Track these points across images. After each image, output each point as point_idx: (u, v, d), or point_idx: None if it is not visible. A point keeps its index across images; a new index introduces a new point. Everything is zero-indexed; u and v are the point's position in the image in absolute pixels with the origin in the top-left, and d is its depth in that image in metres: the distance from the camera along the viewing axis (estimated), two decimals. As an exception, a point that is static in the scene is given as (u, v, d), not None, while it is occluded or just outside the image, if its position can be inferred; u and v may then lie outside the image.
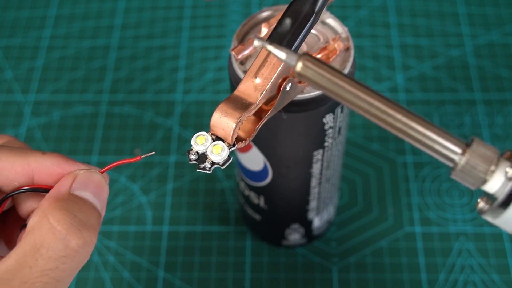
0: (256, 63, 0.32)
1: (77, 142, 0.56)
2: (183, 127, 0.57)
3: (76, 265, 0.27)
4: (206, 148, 0.31)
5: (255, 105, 0.31)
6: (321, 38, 0.38)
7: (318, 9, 0.32)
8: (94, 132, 0.57)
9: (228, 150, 0.31)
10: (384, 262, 0.49)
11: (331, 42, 0.37)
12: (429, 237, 0.50)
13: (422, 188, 0.53)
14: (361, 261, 0.49)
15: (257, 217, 0.47)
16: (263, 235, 0.50)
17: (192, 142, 0.31)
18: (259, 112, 0.32)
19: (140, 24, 0.64)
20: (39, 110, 0.58)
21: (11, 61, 0.62)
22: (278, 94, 0.32)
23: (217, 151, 0.31)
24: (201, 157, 0.31)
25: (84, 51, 0.63)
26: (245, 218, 0.50)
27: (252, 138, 0.32)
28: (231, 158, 0.31)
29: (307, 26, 0.32)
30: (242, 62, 0.37)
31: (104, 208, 0.30)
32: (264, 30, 0.37)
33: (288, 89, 0.33)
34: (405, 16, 0.64)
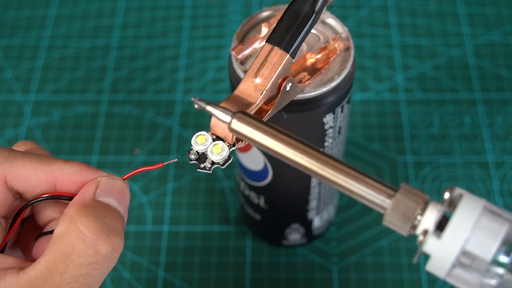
0: (256, 63, 0.32)
1: (77, 142, 0.56)
2: (183, 127, 0.57)
3: (105, 271, 0.28)
4: (206, 148, 0.31)
5: (255, 105, 0.31)
6: (321, 38, 0.38)
7: (318, 9, 0.32)
8: (94, 132, 0.57)
9: (228, 150, 0.31)
10: (384, 262, 0.49)
11: (331, 42, 0.37)
12: (429, 237, 0.50)
13: (422, 188, 0.52)
14: (361, 261, 0.49)
15: (257, 217, 0.47)
16: (263, 235, 0.50)
17: (192, 142, 0.31)
18: (259, 112, 0.32)
19: (140, 24, 0.64)
20: (39, 110, 0.58)
21: (11, 61, 0.62)
22: (278, 94, 0.32)
23: (217, 151, 0.31)
24: (201, 157, 0.31)
25: (84, 51, 0.63)
26: (245, 218, 0.50)
27: (252, 138, 0.32)
28: (231, 158, 0.31)
29: (307, 26, 0.32)
30: (242, 62, 0.37)
31: (127, 214, 0.30)
32: (264, 30, 0.37)
33: (288, 89, 0.33)
34: (405, 16, 0.64)
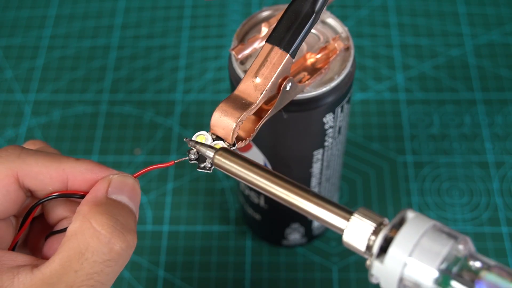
0: (256, 63, 0.32)
1: (77, 142, 0.56)
2: (183, 127, 0.57)
3: (119, 268, 0.28)
4: (206, 148, 0.31)
5: (255, 105, 0.31)
6: (321, 38, 0.38)
7: (318, 9, 0.32)
8: (94, 132, 0.57)
9: (228, 150, 0.31)
10: (384, 262, 0.49)
11: (331, 42, 0.37)
12: (429, 237, 0.50)
13: (422, 188, 0.53)
14: (361, 261, 0.49)
15: (257, 217, 0.47)
16: (263, 235, 0.50)
17: (192, 142, 0.31)
18: (259, 112, 0.32)
19: (140, 24, 0.64)
20: (39, 110, 0.58)
21: (11, 61, 0.62)
22: (278, 94, 0.32)
23: (217, 151, 0.31)
24: (201, 157, 0.31)
25: (84, 51, 0.63)
26: (245, 218, 0.50)
27: (252, 138, 0.32)
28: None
29: (307, 26, 0.32)
30: (242, 62, 0.37)
31: (138, 211, 0.30)
32: (264, 30, 0.37)
33: (288, 89, 0.33)
34: (405, 16, 0.64)
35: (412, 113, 0.57)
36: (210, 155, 0.30)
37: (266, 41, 0.32)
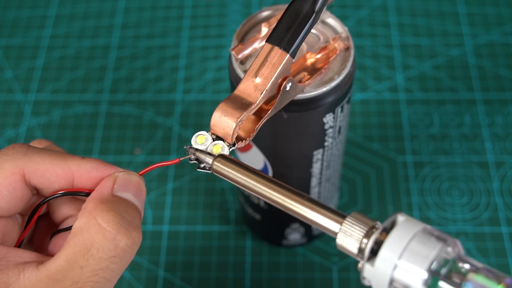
0: (256, 63, 0.32)
1: (77, 142, 0.56)
2: (183, 127, 0.57)
3: (124, 264, 0.28)
4: (206, 148, 0.31)
5: (255, 105, 0.31)
6: (321, 38, 0.38)
7: (318, 9, 0.32)
8: (94, 132, 0.57)
9: (228, 150, 0.31)
10: (384, 262, 0.49)
11: (331, 42, 0.37)
12: (429, 237, 0.50)
13: (422, 188, 0.53)
14: (361, 261, 0.49)
15: (257, 217, 0.47)
16: (263, 235, 0.50)
17: (192, 142, 0.31)
18: (259, 112, 0.32)
19: (140, 24, 0.64)
20: (39, 110, 0.58)
21: (11, 61, 0.62)
22: (278, 94, 0.32)
23: (217, 151, 0.31)
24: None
25: (84, 51, 0.63)
26: (245, 218, 0.50)
27: (252, 138, 0.32)
28: (231, 158, 0.31)
29: (307, 26, 0.32)
30: (242, 62, 0.37)
31: (143, 209, 0.30)
32: (264, 30, 0.37)
33: (288, 89, 0.33)
34: (405, 16, 0.64)
35: (412, 113, 0.57)
36: (209, 162, 0.30)
37: (266, 41, 0.32)
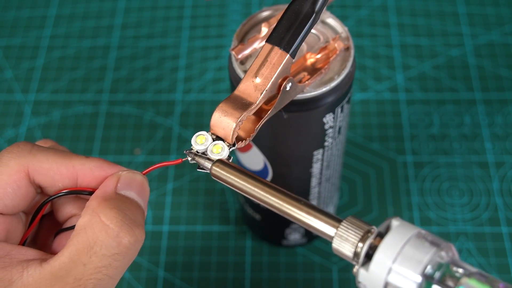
0: (256, 63, 0.32)
1: (77, 142, 0.56)
2: (183, 127, 0.57)
3: (127, 262, 0.28)
4: (206, 148, 0.31)
5: (255, 105, 0.31)
6: (321, 38, 0.38)
7: (318, 9, 0.32)
8: (94, 132, 0.57)
9: (228, 150, 0.31)
10: (384, 262, 0.49)
11: (331, 42, 0.37)
12: (429, 237, 0.50)
13: (422, 188, 0.53)
14: (361, 261, 0.49)
15: (257, 217, 0.47)
16: (263, 235, 0.50)
17: (192, 142, 0.31)
18: (259, 112, 0.32)
19: (140, 24, 0.64)
20: (39, 110, 0.58)
21: (11, 61, 0.62)
22: (278, 94, 0.32)
23: (217, 151, 0.31)
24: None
25: (84, 51, 0.63)
26: (245, 218, 0.50)
27: (252, 138, 0.32)
28: (231, 158, 0.31)
29: (307, 26, 0.32)
30: (242, 62, 0.37)
31: (146, 207, 0.30)
32: (264, 30, 0.37)
33: (288, 89, 0.33)
34: (405, 16, 0.64)
35: (412, 113, 0.57)
36: (208, 167, 0.30)
37: (266, 41, 0.32)
